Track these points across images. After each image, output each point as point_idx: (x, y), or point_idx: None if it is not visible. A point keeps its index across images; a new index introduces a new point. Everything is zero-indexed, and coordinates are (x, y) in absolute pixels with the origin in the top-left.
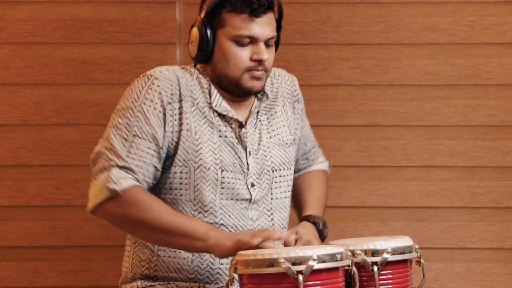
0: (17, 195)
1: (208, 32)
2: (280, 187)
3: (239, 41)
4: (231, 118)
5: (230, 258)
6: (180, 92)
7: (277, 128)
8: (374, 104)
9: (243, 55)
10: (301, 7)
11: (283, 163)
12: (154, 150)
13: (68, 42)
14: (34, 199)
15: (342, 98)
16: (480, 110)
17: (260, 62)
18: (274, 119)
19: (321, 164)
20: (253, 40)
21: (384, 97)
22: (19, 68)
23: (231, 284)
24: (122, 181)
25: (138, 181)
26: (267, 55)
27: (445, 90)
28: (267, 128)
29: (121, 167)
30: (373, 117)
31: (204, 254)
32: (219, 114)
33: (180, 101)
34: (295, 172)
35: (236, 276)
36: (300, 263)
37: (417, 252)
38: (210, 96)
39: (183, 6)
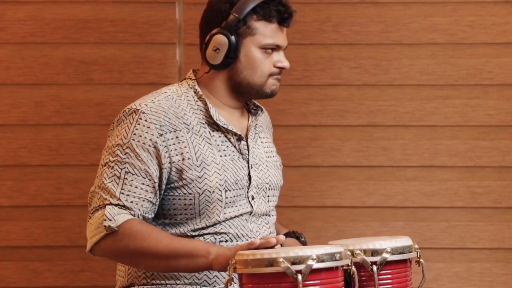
0: (17, 195)
1: (237, 40)
2: (272, 206)
3: (266, 49)
4: (230, 131)
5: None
6: (170, 123)
7: (271, 151)
8: (374, 104)
9: (268, 62)
10: (301, 7)
11: (276, 184)
12: (148, 185)
13: (68, 42)
14: (34, 199)
15: (342, 98)
16: (480, 110)
17: (282, 68)
18: (268, 142)
19: None
20: (276, 48)
21: (384, 97)
22: (19, 68)
23: (230, 284)
24: (117, 217)
25: (134, 216)
26: (287, 62)
27: (445, 90)
28: (263, 148)
29: (115, 205)
30: (373, 117)
31: None
32: (217, 130)
33: (174, 131)
34: None
35: (235, 276)
36: (299, 263)
37: (417, 252)
38: (208, 111)
39: (183, 6)
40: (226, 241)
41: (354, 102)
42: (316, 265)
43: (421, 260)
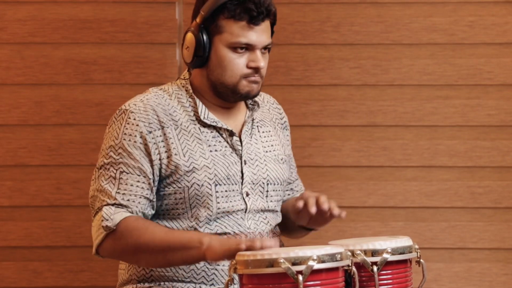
0: (17, 195)
1: (204, 38)
2: (275, 200)
3: (236, 48)
4: (220, 128)
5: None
6: (159, 120)
7: (271, 145)
8: (374, 104)
9: (240, 62)
10: (301, 7)
11: (278, 178)
12: (143, 183)
13: (68, 42)
14: (34, 199)
15: (342, 98)
16: (480, 110)
17: (256, 69)
18: (269, 136)
19: None
20: (249, 48)
21: (384, 97)
22: (19, 68)
23: (231, 284)
24: (114, 216)
25: (132, 213)
26: (263, 62)
27: (445, 90)
28: (262, 142)
29: (111, 205)
30: (373, 117)
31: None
32: (208, 126)
33: (162, 128)
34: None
35: (236, 276)
36: (299, 263)
37: (417, 252)
38: (197, 109)
39: (183, 6)
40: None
41: (354, 102)
42: (317, 266)
43: (421, 260)
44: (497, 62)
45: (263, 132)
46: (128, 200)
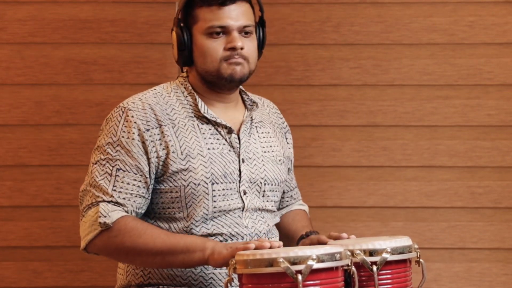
0: (17, 195)
1: (184, 32)
2: (271, 200)
3: (211, 33)
4: (219, 124)
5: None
6: (156, 119)
7: (270, 146)
8: (374, 104)
9: (217, 45)
10: (301, 7)
11: (275, 179)
12: (139, 181)
13: (68, 42)
14: (34, 199)
15: (342, 98)
16: (480, 110)
17: (233, 49)
18: (269, 137)
19: (302, 206)
20: (225, 31)
21: (384, 97)
22: (19, 68)
23: (230, 284)
24: (111, 214)
25: (127, 212)
26: (240, 42)
27: (445, 90)
28: (260, 142)
29: (108, 202)
30: (373, 117)
31: None
32: (207, 123)
33: (159, 126)
34: (279, 209)
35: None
36: (299, 263)
37: (417, 252)
38: (197, 105)
39: None
40: (221, 241)
41: (354, 102)
42: (316, 265)
43: (421, 260)
44: (497, 62)
45: (262, 132)
46: (124, 198)
